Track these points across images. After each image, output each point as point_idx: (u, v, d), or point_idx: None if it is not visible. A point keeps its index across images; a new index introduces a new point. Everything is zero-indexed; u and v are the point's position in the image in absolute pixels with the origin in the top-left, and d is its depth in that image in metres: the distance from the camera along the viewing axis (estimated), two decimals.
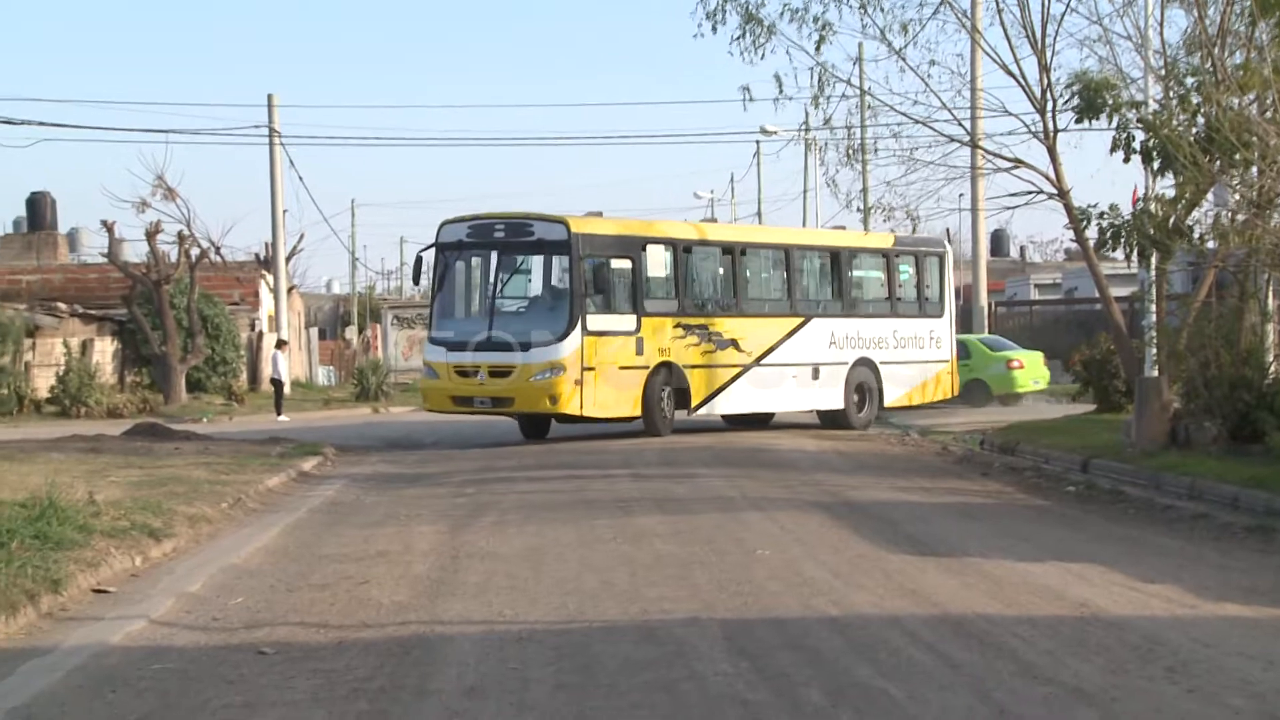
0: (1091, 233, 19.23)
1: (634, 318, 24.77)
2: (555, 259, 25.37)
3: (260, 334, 48.94)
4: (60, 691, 8.23)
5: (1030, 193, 20.70)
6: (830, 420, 28.23)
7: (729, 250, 27.26)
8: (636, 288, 24.95)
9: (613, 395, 24.52)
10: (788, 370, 27.10)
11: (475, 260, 25.91)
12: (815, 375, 27.38)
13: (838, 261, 28.69)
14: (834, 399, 27.87)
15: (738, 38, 20.96)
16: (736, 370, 26.32)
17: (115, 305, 44.68)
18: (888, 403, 29.12)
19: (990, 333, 44.87)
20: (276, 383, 38.54)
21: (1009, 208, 22.64)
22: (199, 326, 42.55)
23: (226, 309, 46.37)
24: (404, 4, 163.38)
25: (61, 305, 44.86)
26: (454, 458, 22.98)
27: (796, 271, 28.04)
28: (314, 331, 66.33)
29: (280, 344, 40.83)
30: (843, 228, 35.80)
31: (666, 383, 25.07)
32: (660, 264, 25.70)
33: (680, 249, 26.12)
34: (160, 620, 10.22)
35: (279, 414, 37.03)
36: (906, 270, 29.79)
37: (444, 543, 13.71)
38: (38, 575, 10.91)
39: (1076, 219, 19.62)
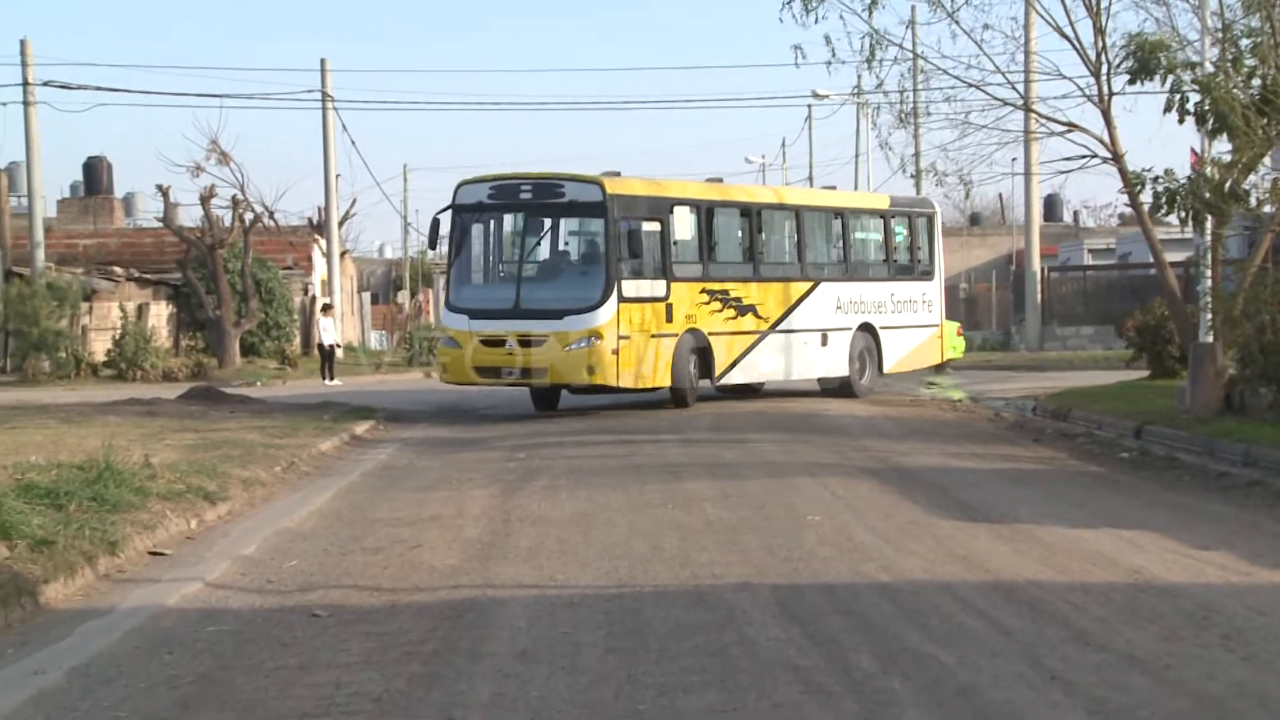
0: (1146, 197, 19.02)
1: (664, 283, 23.55)
2: (589, 221, 24.24)
3: (313, 298, 49.08)
4: (118, 652, 8.31)
5: (1084, 157, 20.56)
6: (834, 389, 27.21)
7: (746, 212, 26.21)
8: (665, 251, 23.71)
9: (647, 364, 23.22)
10: (800, 337, 26.28)
11: (498, 222, 24.69)
12: (824, 342, 26.51)
13: (843, 223, 27.84)
14: (841, 366, 26.85)
15: (788, 2, 20.78)
16: (755, 337, 25.42)
17: (170, 269, 44.91)
18: (885, 369, 28.33)
19: (1043, 299, 44.64)
20: (322, 348, 38.59)
21: (1063, 172, 22.47)
22: (253, 291, 42.74)
23: (280, 273, 46.55)
24: None
25: (117, 269, 45.17)
26: (504, 423, 23.07)
27: (807, 233, 27.21)
28: (366, 296, 66.58)
29: (325, 308, 40.80)
30: (833, 187, 35.12)
31: (693, 350, 23.89)
32: (687, 226, 24.51)
33: (704, 210, 24.94)
34: (215, 583, 10.32)
35: (327, 379, 37.11)
36: (901, 232, 28.98)
37: (495, 507, 13.78)
38: (95, 537, 11.01)
39: (1131, 183, 19.42)
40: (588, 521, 12.62)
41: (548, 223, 24.66)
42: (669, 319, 23.49)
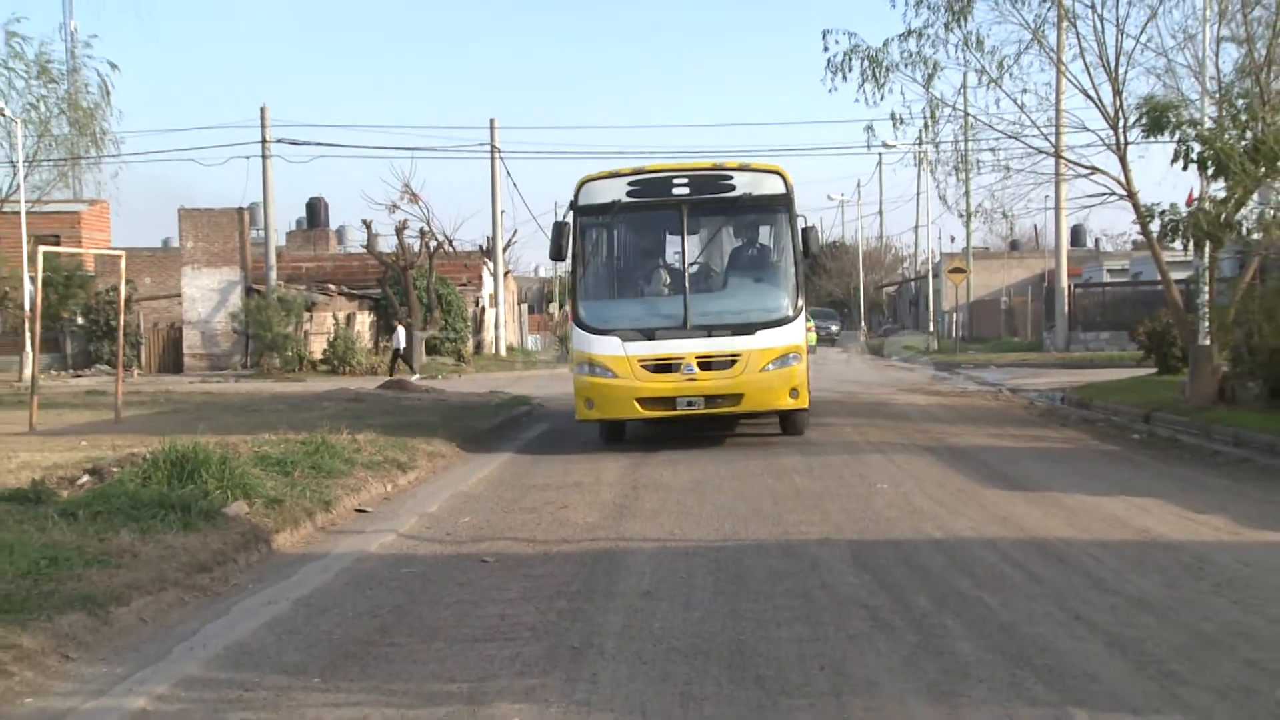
0: (1154, 227, 18.74)
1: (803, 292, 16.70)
2: (767, 217, 16.74)
3: (483, 309, 49.55)
4: (332, 587, 8.47)
5: (1104, 194, 20.21)
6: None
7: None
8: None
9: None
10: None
11: (644, 224, 17.11)
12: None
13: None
14: None
15: (861, 85, 20.32)
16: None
17: (372, 286, 45.65)
18: None
19: (1069, 310, 43.92)
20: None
21: (1086, 207, 22.70)
22: (435, 303, 43.31)
23: (456, 289, 47.06)
24: (602, 41, 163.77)
25: (331, 286, 45.97)
26: None
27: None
28: (524, 307, 67.03)
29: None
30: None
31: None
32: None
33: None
34: (406, 534, 10.46)
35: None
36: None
37: (626, 475, 13.82)
38: (314, 497, 11.25)
39: (1143, 216, 19.12)
40: (700, 488, 12.63)
41: (714, 221, 17.04)
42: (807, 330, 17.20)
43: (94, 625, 7.11)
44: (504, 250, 51.77)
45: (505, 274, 53.05)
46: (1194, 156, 17.51)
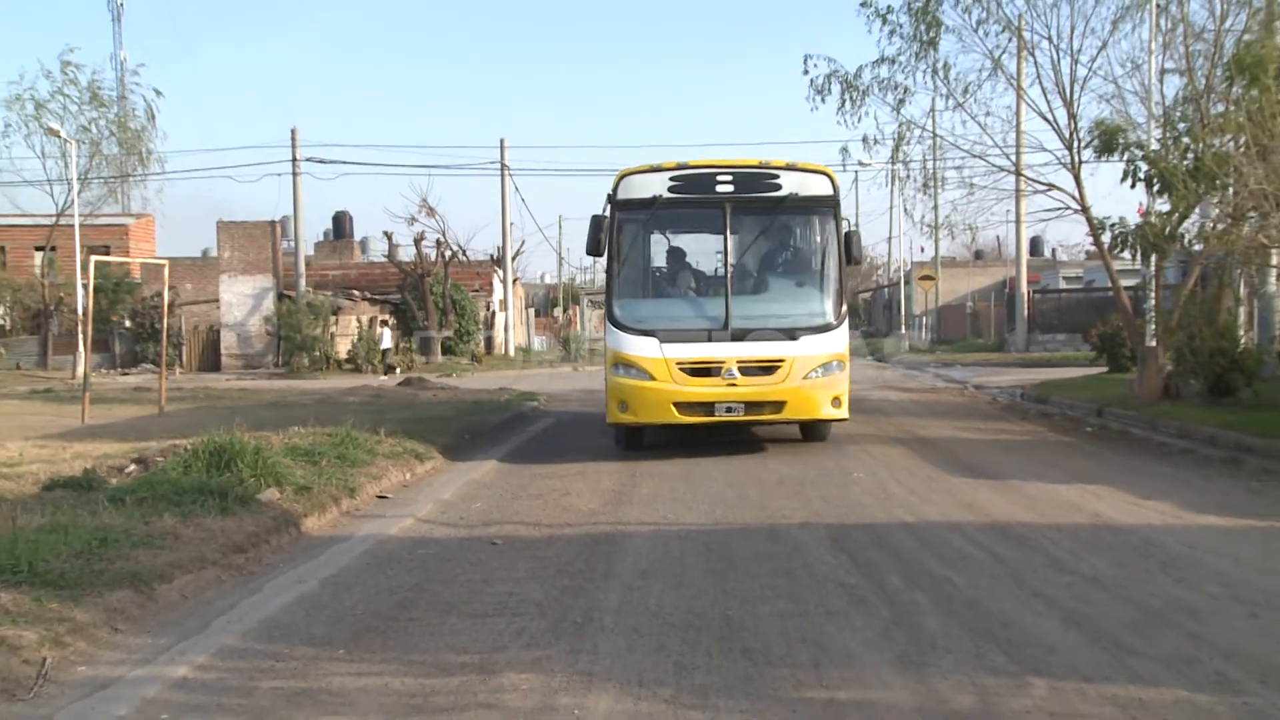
0: (1106, 238, 18.72)
1: None
2: (812, 218, 14.76)
3: (494, 313, 49.54)
4: (355, 567, 8.46)
5: (1060, 209, 20.15)
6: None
7: None
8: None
9: None
10: None
11: (683, 221, 15.25)
12: None
13: None
14: None
15: (840, 106, 20.27)
16: None
17: (392, 292, 45.70)
18: None
19: (1029, 314, 43.93)
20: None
21: (1044, 220, 22.21)
22: (450, 307, 43.37)
23: (469, 294, 47.08)
24: (612, 70, 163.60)
25: (355, 292, 45.98)
26: None
27: None
28: (531, 311, 66.98)
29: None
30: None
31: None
32: None
33: None
34: (423, 518, 10.45)
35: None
36: None
37: (625, 464, 13.78)
38: (339, 485, 11.23)
39: (1095, 229, 19.10)
40: (691, 476, 12.60)
41: (757, 220, 14.92)
42: None
43: (140, 601, 7.10)
44: (513, 259, 51.79)
45: (514, 281, 53.07)
46: (1141, 175, 17.58)
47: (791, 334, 13.95)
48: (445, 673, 5.81)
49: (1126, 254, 19.79)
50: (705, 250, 15.81)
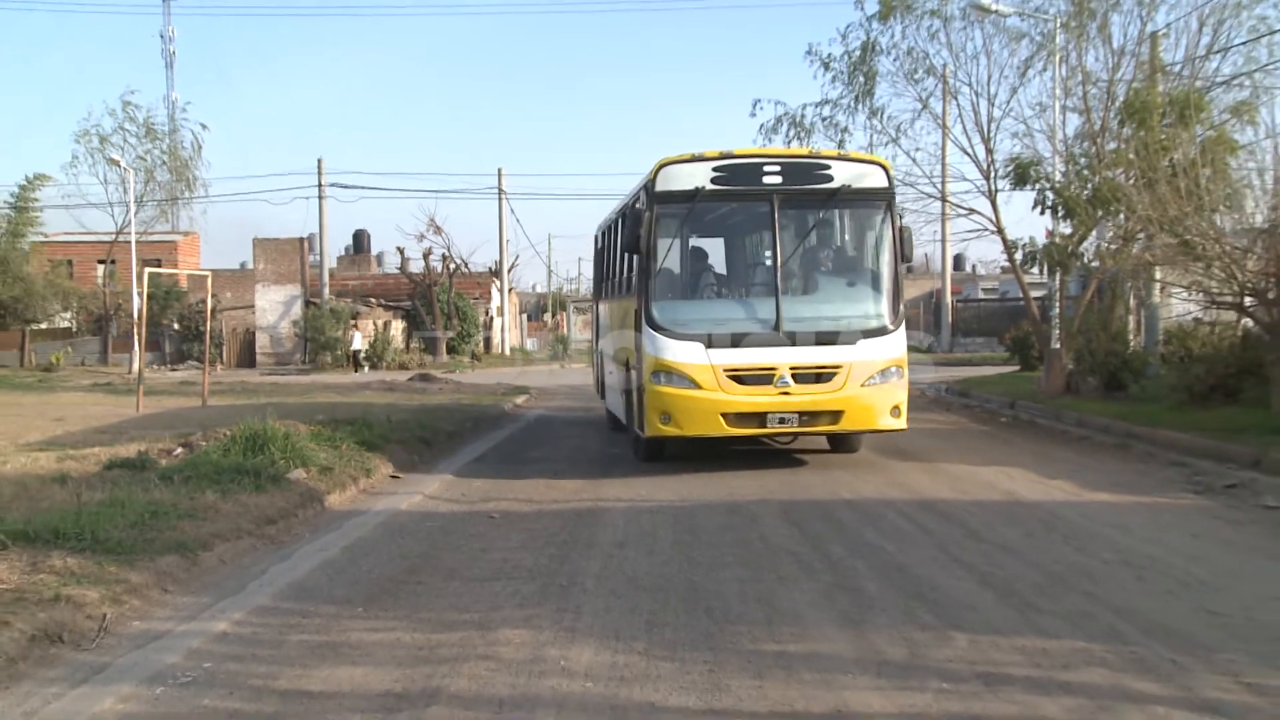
0: (1018, 256, 18.80)
1: None
2: (866, 213, 11.78)
3: (491, 318, 49.37)
4: (371, 537, 8.41)
5: (980, 230, 20.19)
6: None
7: None
8: None
9: None
10: None
11: (728, 215, 12.26)
12: None
13: None
14: None
15: (790, 140, 20.26)
16: None
17: (404, 300, 45.45)
18: None
19: (952, 320, 44.13)
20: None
21: (965, 240, 22.80)
22: (454, 312, 43.20)
23: (471, 302, 46.88)
24: (597, 103, 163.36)
25: (372, 299, 45.72)
26: None
27: None
28: (524, 316, 66.74)
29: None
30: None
31: None
32: None
33: None
34: (430, 495, 10.40)
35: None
36: None
37: (605, 449, 13.76)
38: (357, 465, 11.17)
39: (1009, 247, 19.18)
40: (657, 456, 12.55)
41: (807, 215, 11.72)
42: None
43: (186, 565, 7.06)
44: (509, 271, 51.60)
45: (509, 290, 52.92)
46: (1049, 203, 17.69)
47: (850, 338, 11.14)
48: (449, 629, 5.79)
49: (1035, 269, 19.87)
50: (751, 247, 13.09)
